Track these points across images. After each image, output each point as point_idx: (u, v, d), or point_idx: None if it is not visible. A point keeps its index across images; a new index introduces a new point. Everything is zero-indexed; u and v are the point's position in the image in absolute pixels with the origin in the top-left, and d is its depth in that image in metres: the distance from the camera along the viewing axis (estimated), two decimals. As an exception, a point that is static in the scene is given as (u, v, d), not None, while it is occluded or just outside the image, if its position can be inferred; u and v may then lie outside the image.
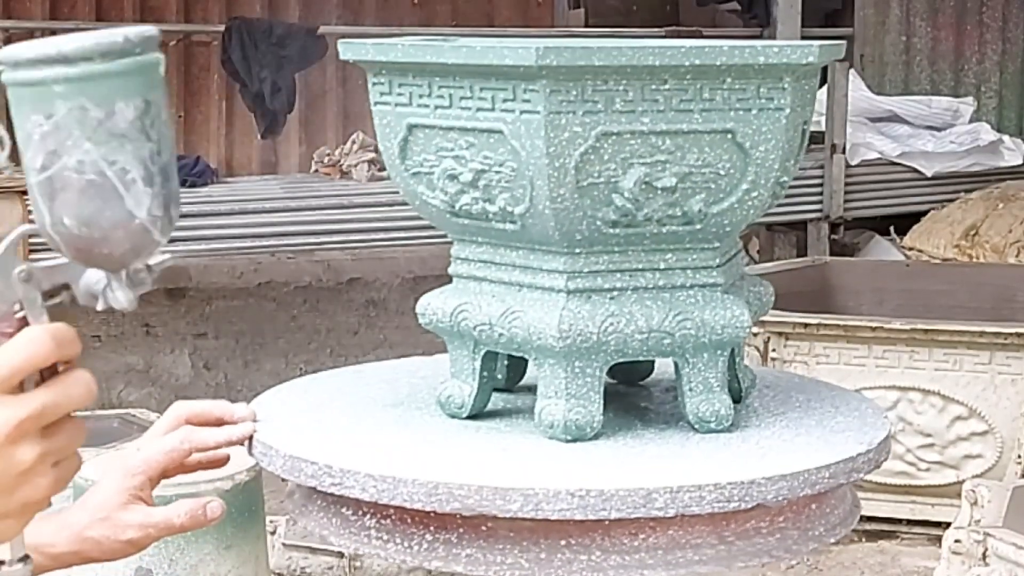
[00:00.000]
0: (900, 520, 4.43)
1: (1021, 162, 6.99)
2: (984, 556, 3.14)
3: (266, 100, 5.99)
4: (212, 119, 6.54)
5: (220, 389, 6.04)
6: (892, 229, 6.64)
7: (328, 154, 6.34)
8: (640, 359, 1.62)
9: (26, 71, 0.97)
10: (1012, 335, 4.24)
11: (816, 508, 1.57)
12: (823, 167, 6.54)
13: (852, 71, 6.81)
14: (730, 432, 1.59)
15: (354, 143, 6.24)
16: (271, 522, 3.30)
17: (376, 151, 6.14)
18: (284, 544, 3.46)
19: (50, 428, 1.03)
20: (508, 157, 1.50)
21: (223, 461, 1.59)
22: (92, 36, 0.98)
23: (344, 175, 6.17)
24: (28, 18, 5.99)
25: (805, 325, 4.39)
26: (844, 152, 6.61)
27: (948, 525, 3.46)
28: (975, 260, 5.93)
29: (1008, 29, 7.54)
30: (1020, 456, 4.18)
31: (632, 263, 1.56)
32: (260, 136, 6.25)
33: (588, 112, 1.47)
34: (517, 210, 1.52)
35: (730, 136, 1.52)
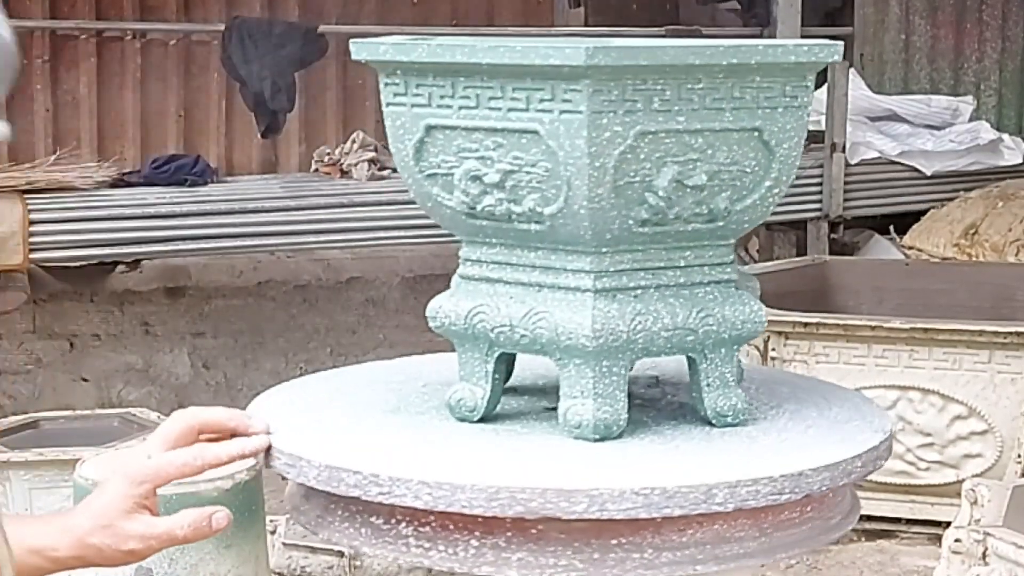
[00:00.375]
0: (900, 519, 4.43)
1: (1021, 161, 6.97)
2: (984, 555, 3.13)
3: (266, 99, 5.97)
4: (212, 118, 6.53)
5: (219, 388, 6.04)
6: (892, 228, 6.63)
7: (328, 153, 6.33)
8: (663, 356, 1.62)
9: None
10: (1011, 334, 4.24)
11: (832, 498, 1.60)
12: (823, 166, 6.53)
13: (852, 70, 6.80)
14: (745, 426, 1.61)
15: (354, 142, 6.24)
16: (271, 522, 3.30)
17: (376, 150, 6.13)
18: (284, 543, 3.46)
19: None
20: (542, 157, 1.50)
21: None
22: None
23: (344, 174, 6.16)
24: (28, 17, 5.98)
25: (805, 324, 4.39)
26: (844, 151, 6.60)
27: (948, 524, 3.46)
28: (975, 259, 5.92)
29: (1008, 27, 7.53)
30: (1020, 455, 4.18)
31: (654, 261, 1.57)
32: (260, 135, 6.24)
33: (628, 112, 1.47)
34: (547, 210, 1.52)
35: (757, 134, 1.55)
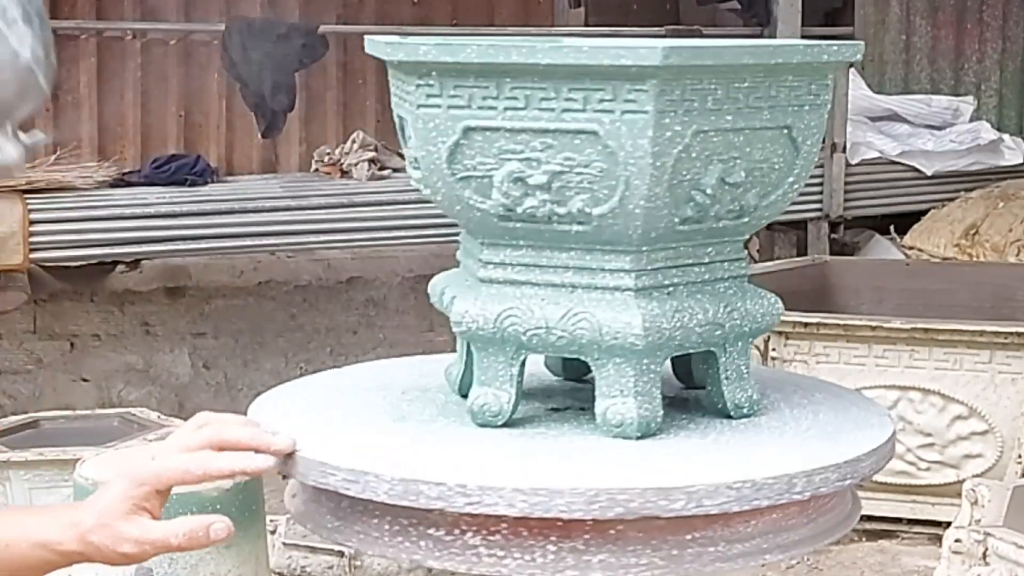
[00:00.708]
0: (900, 519, 4.43)
1: (1021, 161, 6.97)
2: (984, 556, 3.13)
3: (266, 99, 5.98)
4: (212, 118, 6.52)
5: (220, 388, 6.04)
6: (892, 228, 6.63)
7: (328, 153, 6.33)
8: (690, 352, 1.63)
9: None
10: (1012, 334, 4.24)
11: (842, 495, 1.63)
12: (823, 166, 6.53)
13: (852, 70, 6.80)
14: (759, 417, 1.63)
15: (354, 142, 6.23)
16: (271, 522, 3.30)
17: (376, 150, 6.13)
18: (284, 543, 3.46)
19: None
20: (597, 158, 1.49)
21: None
22: None
23: (344, 174, 6.16)
24: (28, 17, 5.97)
25: (805, 324, 4.39)
26: (844, 151, 6.60)
27: (948, 524, 3.46)
28: (975, 259, 5.93)
29: (1008, 27, 7.53)
30: (1020, 455, 4.17)
31: (684, 259, 1.58)
32: (260, 135, 6.24)
33: (687, 111, 1.48)
34: (596, 211, 1.51)
35: (786, 131, 1.57)
